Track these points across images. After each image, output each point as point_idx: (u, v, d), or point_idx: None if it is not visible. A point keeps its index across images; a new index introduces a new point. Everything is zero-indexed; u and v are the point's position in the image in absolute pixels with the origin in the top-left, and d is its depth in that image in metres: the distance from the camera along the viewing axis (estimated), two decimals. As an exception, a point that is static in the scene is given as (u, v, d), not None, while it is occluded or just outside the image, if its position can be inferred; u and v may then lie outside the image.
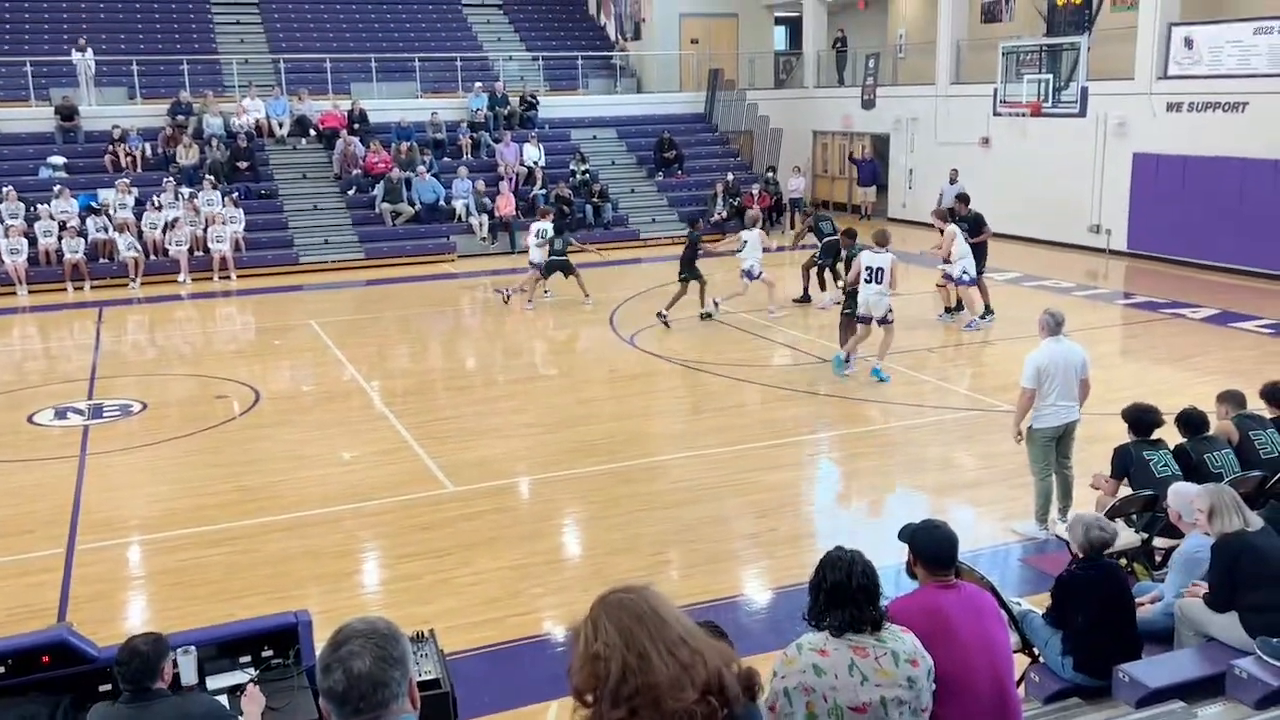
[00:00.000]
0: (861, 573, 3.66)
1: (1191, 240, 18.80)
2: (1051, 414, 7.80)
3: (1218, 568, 4.94)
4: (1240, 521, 4.94)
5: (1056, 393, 7.75)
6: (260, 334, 16.29)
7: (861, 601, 3.64)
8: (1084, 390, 7.94)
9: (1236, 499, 5.03)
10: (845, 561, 3.70)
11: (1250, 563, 4.82)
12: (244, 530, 8.36)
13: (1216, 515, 5.00)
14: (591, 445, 10.25)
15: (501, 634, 6.65)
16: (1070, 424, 7.88)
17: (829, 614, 3.67)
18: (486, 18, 30.90)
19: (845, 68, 28.46)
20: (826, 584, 3.69)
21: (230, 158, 22.31)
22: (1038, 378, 7.75)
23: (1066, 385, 7.77)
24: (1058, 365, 7.73)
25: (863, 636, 3.64)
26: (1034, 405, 7.87)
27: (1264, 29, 17.51)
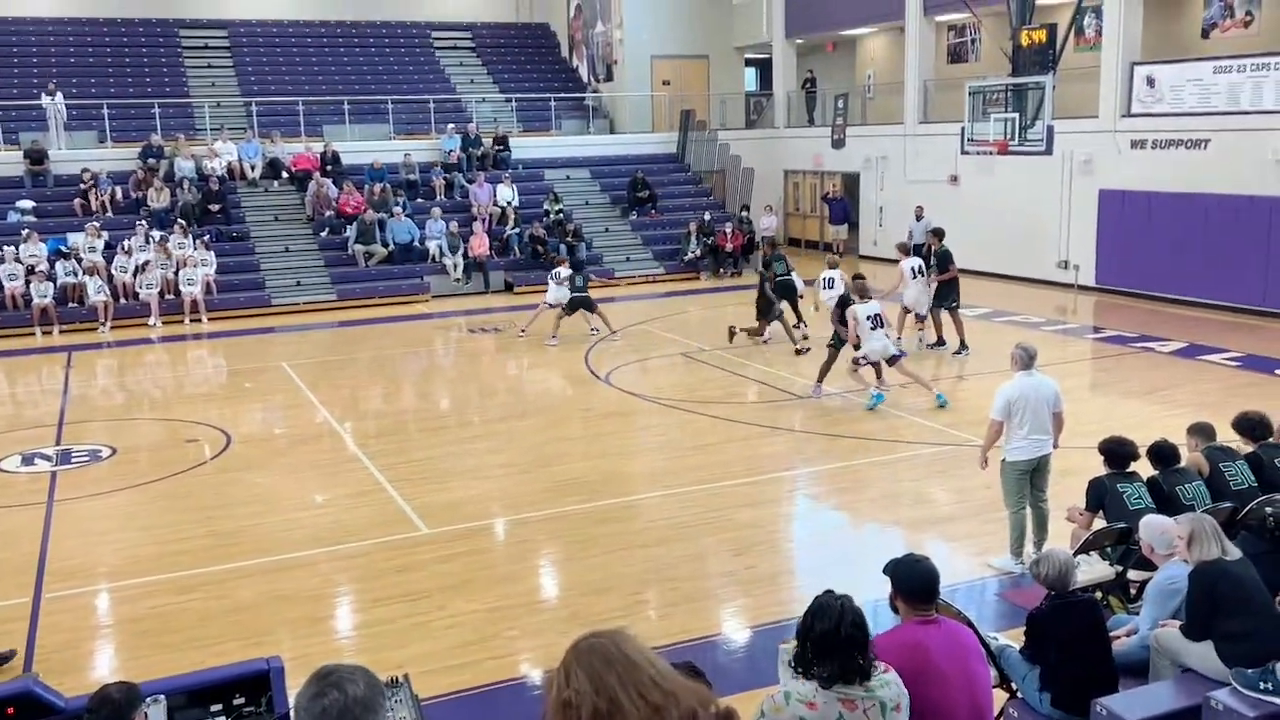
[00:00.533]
0: (851, 623, 3.62)
1: (1158, 275, 19.06)
2: (1024, 447, 7.84)
3: (1194, 595, 4.96)
4: (1219, 550, 4.96)
5: (1029, 426, 7.80)
6: (231, 377, 16.17)
7: (850, 651, 3.61)
8: (1058, 423, 7.98)
9: (1216, 528, 5.06)
10: (835, 610, 3.66)
11: (1226, 591, 4.84)
12: (215, 576, 8.25)
13: (1196, 543, 5.03)
14: (567, 485, 10.20)
15: (477, 678, 6.57)
16: (1043, 457, 7.92)
17: (817, 663, 3.64)
18: (459, 60, 31.13)
19: (815, 108, 28.82)
20: (815, 632, 3.66)
21: (202, 200, 22.26)
22: (1007, 410, 7.82)
23: (1038, 419, 7.81)
24: (1028, 399, 7.78)
25: (852, 688, 3.62)
26: (1006, 438, 7.91)
27: (1223, 68, 17.88)
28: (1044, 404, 7.82)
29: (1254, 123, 17.30)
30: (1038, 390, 7.84)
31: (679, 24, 29.67)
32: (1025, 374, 7.91)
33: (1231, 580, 4.86)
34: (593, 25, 30.93)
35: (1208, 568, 4.93)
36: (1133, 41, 19.44)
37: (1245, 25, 20.09)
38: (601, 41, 30.55)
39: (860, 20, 27.20)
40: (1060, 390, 8.03)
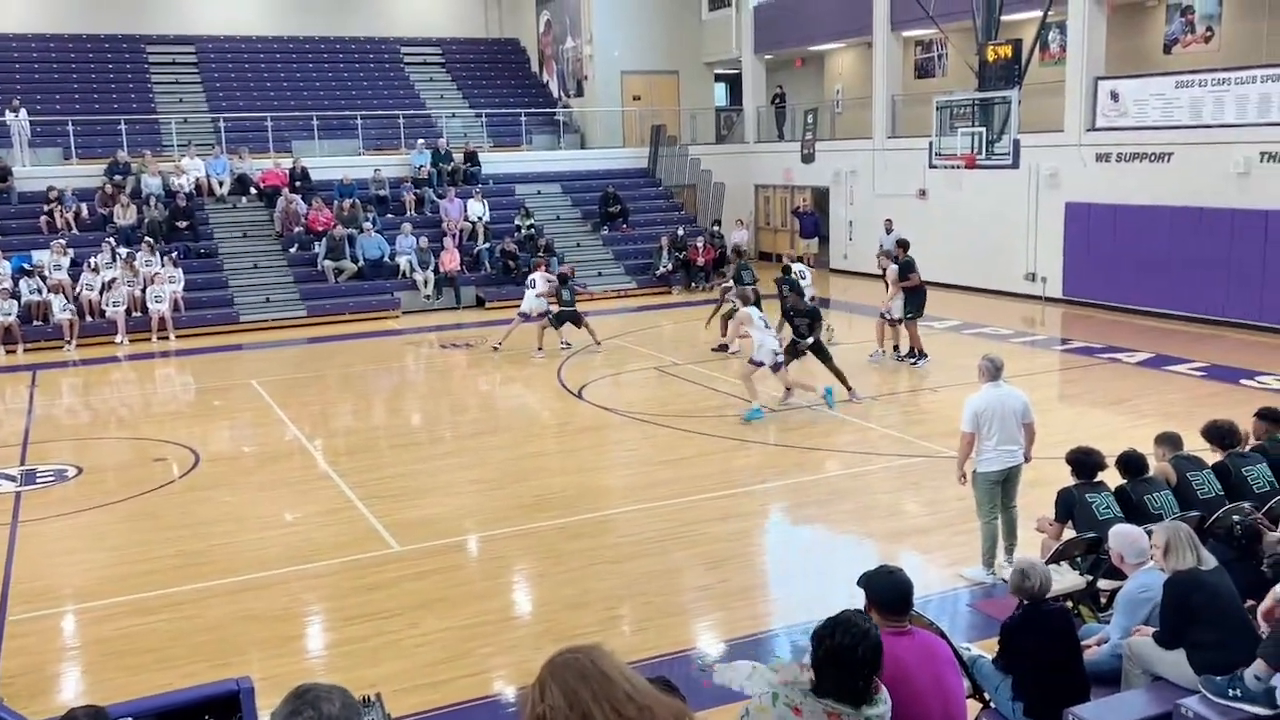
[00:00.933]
0: (871, 647, 3.66)
1: (1124, 286, 19.28)
2: (994, 458, 7.90)
3: (1168, 604, 4.98)
4: (1194, 558, 4.98)
5: (997, 437, 7.86)
6: (200, 394, 16.03)
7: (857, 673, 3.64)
8: (1028, 434, 8.03)
9: (1192, 536, 5.08)
10: (860, 631, 3.69)
11: (1199, 601, 4.87)
12: (183, 596, 8.15)
13: (1171, 551, 5.05)
14: (540, 500, 10.17)
15: (450, 696, 6.52)
16: (1013, 468, 7.98)
17: (824, 672, 3.67)
18: (429, 75, 31.10)
19: (784, 123, 28.99)
20: (833, 641, 3.68)
21: (169, 217, 22.09)
22: (975, 422, 7.89)
23: (1006, 430, 7.87)
24: (995, 410, 7.85)
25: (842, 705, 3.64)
26: (976, 449, 7.97)
27: (1185, 83, 18.15)
28: (1012, 415, 7.88)
29: (1215, 136, 17.56)
30: (1005, 401, 7.90)
31: (649, 40, 29.80)
32: (993, 385, 7.97)
33: (1205, 590, 4.89)
34: (563, 41, 31.00)
35: (1182, 577, 4.96)
36: (1096, 56, 19.70)
37: (1206, 40, 20.42)
38: (572, 57, 30.63)
39: (828, 36, 27.41)
40: (1029, 402, 8.08)
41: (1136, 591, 5.40)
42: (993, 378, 7.99)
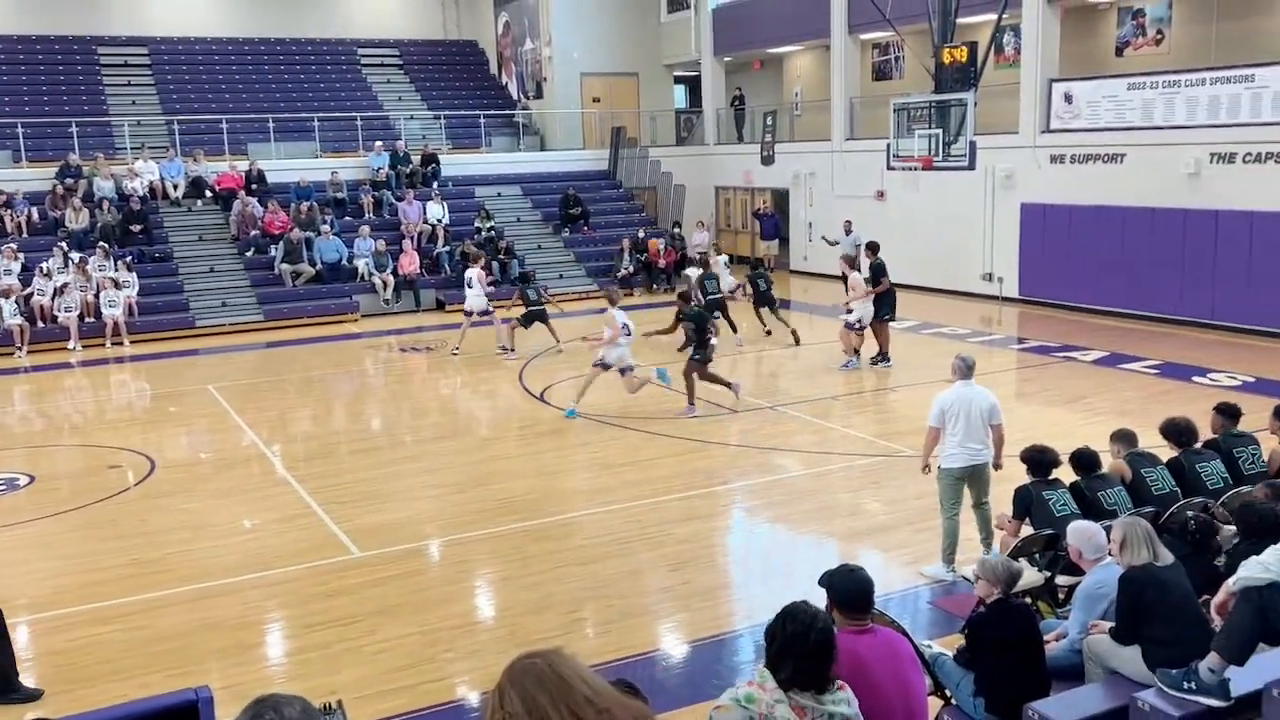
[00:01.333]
0: (821, 630, 3.70)
1: (1079, 286, 19.54)
2: (958, 455, 7.99)
3: (1123, 600, 5.04)
4: (1149, 554, 5.03)
5: (962, 434, 7.95)
6: (155, 401, 15.81)
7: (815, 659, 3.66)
8: (996, 436, 8.10)
9: (1149, 532, 5.12)
10: (808, 617, 3.73)
11: (1154, 597, 4.91)
12: (139, 605, 8.03)
13: (1127, 547, 5.11)
14: (502, 504, 10.13)
15: (413, 702, 6.47)
16: (978, 466, 8.05)
17: (781, 664, 3.70)
18: (386, 77, 30.90)
19: (744, 125, 29.11)
20: (785, 632, 3.72)
21: (122, 221, 21.78)
22: (942, 418, 8.04)
23: (972, 428, 7.96)
24: (962, 407, 7.96)
25: (804, 697, 3.66)
26: (943, 445, 8.08)
27: (1137, 85, 18.44)
28: (978, 413, 7.98)
29: (1167, 137, 17.84)
30: (973, 400, 8.01)
31: (608, 42, 29.80)
32: (964, 383, 8.11)
33: (1159, 586, 4.94)
34: (521, 43, 30.92)
35: (1136, 573, 5.01)
36: (1050, 59, 19.96)
37: (1157, 43, 20.76)
38: (531, 59, 30.56)
39: (787, 39, 27.55)
40: (998, 404, 8.16)
41: (1094, 587, 5.46)
42: (964, 376, 8.14)
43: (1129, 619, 4.96)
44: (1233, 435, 7.85)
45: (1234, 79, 16.93)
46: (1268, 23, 18.89)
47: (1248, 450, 7.73)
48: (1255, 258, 16.75)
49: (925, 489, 10.12)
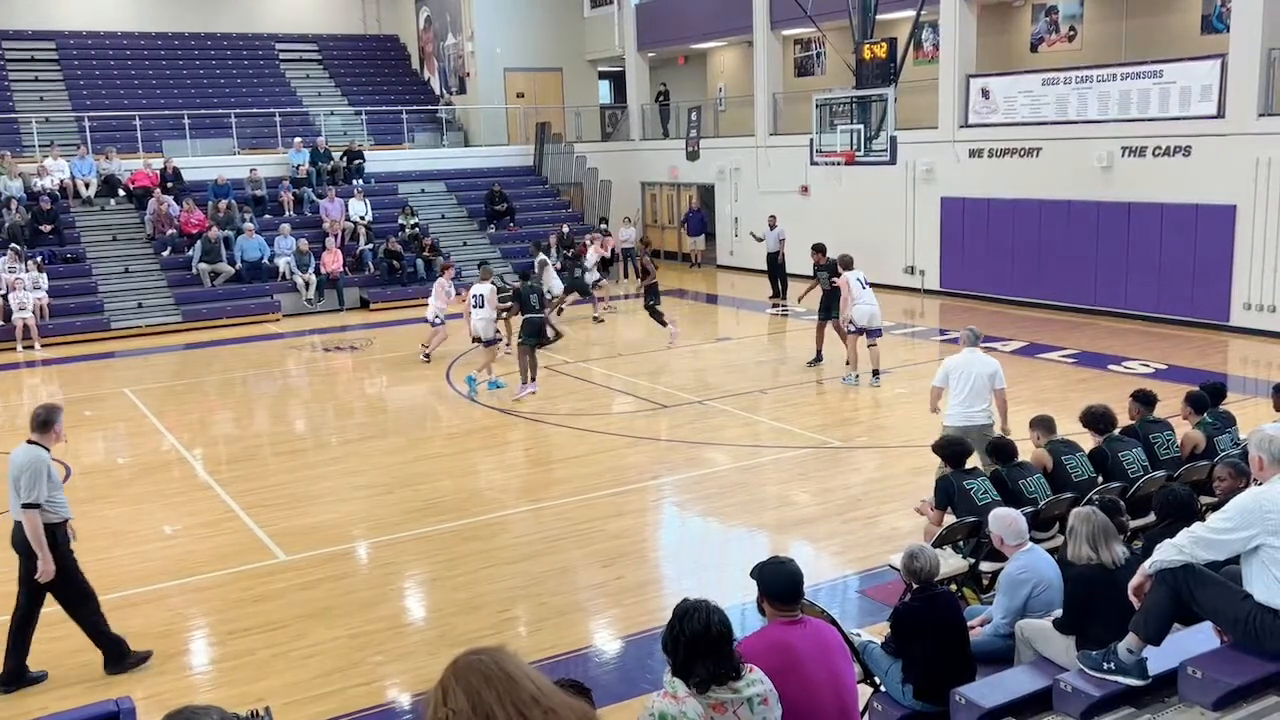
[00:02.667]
0: (719, 620, 3.72)
1: (998, 277, 19.96)
2: (955, 415, 8.83)
3: (1069, 596, 5.09)
4: (1088, 550, 5.08)
5: (963, 396, 8.80)
6: (70, 405, 15.32)
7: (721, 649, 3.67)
8: (1000, 402, 8.96)
9: (1096, 530, 5.11)
10: (703, 610, 3.73)
11: (1103, 597, 4.94)
12: (56, 616, 7.76)
13: (1071, 538, 5.17)
14: (431, 504, 10.03)
15: (343, 706, 6.39)
16: (973, 427, 8.65)
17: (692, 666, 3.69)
18: (305, 72, 30.38)
19: (669, 120, 29.18)
20: (685, 635, 3.71)
21: (32, 220, 21.11)
22: (945, 379, 8.99)
23: (974, 391, 8.79)
24: (965, 371, 8.85)
25: (722, 691, 3.67)
26: (945, 405, 8.98)
27: (1051, 80, 18.88)
28: (982, 378, 8.80)
29: (1080, 131, 18.31)
30: (975, 365, 8.86)
31: (531, 36, 29.65)
32: (970, 350, 9.01)
33: (1109, 587, 4.95)
34: (444, 37, 30.63)
35: (1090, 572, 5.03)
36: (968, 55, 20.34)
37: (1069, 40, 21.28)
38: (453, 54, 30.28)
39: (709, 34, 27.69)
40: (1001, 370, 8.96)
41: (1016, 573, 5.57)
42: (970, 344, 9.03)
43: (1075, 615, 5.01)
44: (1149, 421, 8.09)
45: (1144, 74, 17.43)
46: (1176, 20, 19.48)
47: (1163, 436, 7.98)
48: (1165, 249, 17.27)
49: (853, 480, 10.29)
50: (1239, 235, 16.37)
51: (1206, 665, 4.45)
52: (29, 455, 6.61)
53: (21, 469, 6.53)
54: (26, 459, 6.57)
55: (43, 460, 6.60)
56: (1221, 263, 16.61)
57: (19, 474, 6.52)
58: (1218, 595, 4.52)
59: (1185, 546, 4.50)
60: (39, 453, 6.64)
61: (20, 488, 6.50)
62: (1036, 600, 5.43)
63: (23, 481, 6.49)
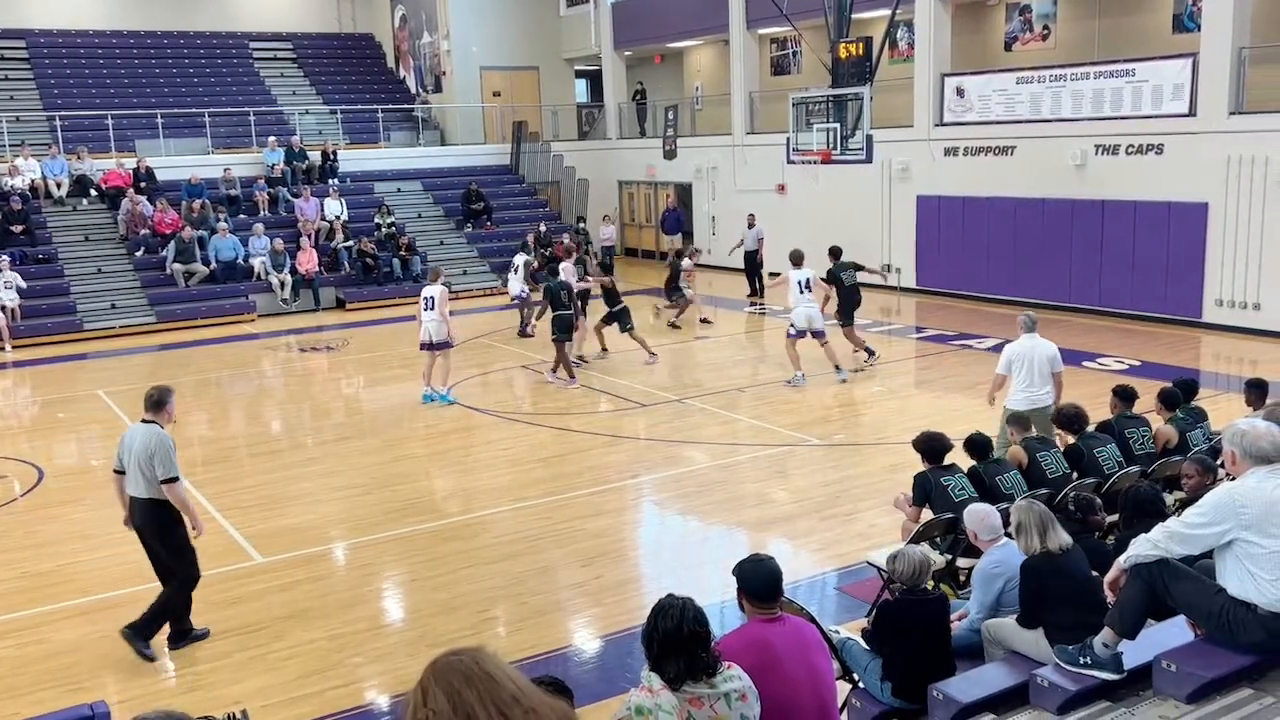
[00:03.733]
0: (693, 619, 3.72)
1: (974, 275, 20.07)
2: (1022, 398, 9.13)
3: (1023, 587, 5.16)
4: (1039, 540, 5.15)
5: (1026, 380, 9.15)
6: (42, 407, 15.20)
7: (694, 648, 3.69)
8: (1057, 383, 9.30)
9: (1044, 517, 5.20)
10: (676, 609, 3.75)
11: (1054, 583, 5.03)
12: (29, 620, 7.73)
13: (1020, 533, 5.23)
14: (410, 505, 10.00)
15: (321, 708, 6.35)
16: (1037, 409, 8.91)
17: (664, 663, 3.71)
18: (280, 71, 30.18)
19: (646, 119, 29.18)
20: (659, 632, 3.74)
21: (2, 221, 20.88)
22: (1009, 366, 9.29)
23: (1036, 374, 9.16)
24: (1026, 356, 9.20)
25: (699, 686, 3.68)
26: (1008, 389, 9.33)
27: (1025, 79, 19.00)
28: (1043, 362, 9.18)
29: (1054, 130, 18.43)
30: (1036, 350, 9.23)
31: (507, 35, 29.58)
32: (1028, 336, 9.32)
33: (1059, 573, 5.04)
34: (419, 36, 30.50)
35: (1037, 561, 5.11)
36: (943, 54, 20.44)
37: (1043, 39, 21.42)
38: (429, 52, 30.17)
39: (686, 33, 27.70)
40: (1059, 354, 9.33)
41: (989, 567, 5.61)
42: (1028, 330, 9.36)
43: (1031, 606, 5.09)
44: (1126, 417, 8.17)
45: (1116, 73, 17.56)
46: (1147, 19, 19.64)
47: (1139, 431, 8.05)
48: (1139, 246, 17.42)
49: (830, 478, 10.33)
50: (1211, 232, 16.53)
51: (1180, 659, 4.49)
52: (154, 434, 6.96)
53: (153, 449, 6.90)
54: (154, 439, 6.93)
55: (168, 437, 7.03)
56: (1194, 260, 16.77)
57: (151, 454, 6.89)
58: (1191, 590, 4.57)
59: (1160, 541, 4.54)
60: (161, 431, 7.02)
61: (157, 465, 6.89)
62: (1009, 594, 5.47)
63: (158, 460, 6.89)
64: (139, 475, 6.94)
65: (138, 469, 6.93)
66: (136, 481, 6.97)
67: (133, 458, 6.94)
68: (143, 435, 6.97)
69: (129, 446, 6.99)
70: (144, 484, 6.95)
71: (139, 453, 6.91)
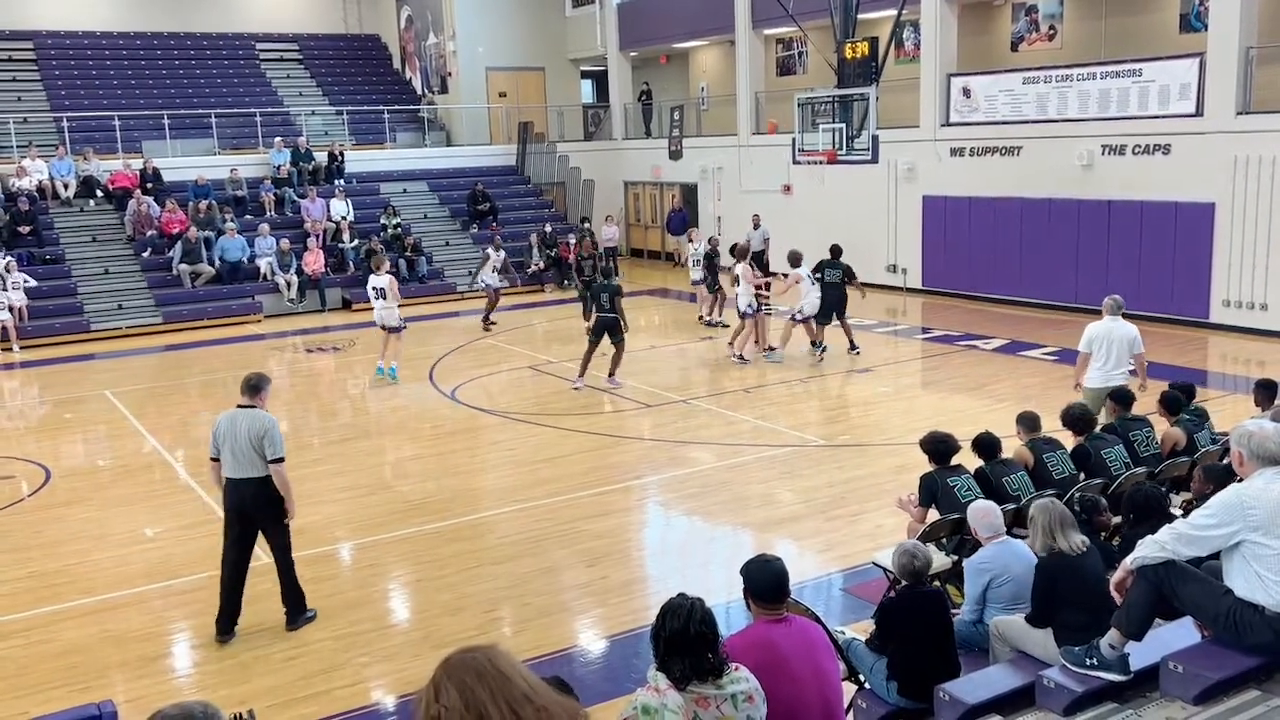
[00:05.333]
0: (700, 620, 3.73)
1: (980, 276, 20.04)
2: (1099, 377, 9.45)
3: (1037, 587, 5.14)
4: (1049, 540, 5.13)
5: (1107, 361, 9.44)
6: (50, 408, 15.24)
7: (700, 649, 3.69)
8: (1140, 364, 9.67)
9: (1056, 519, 5.16)
10: (684, 610, 3.76)
11: (1068, 584, 5.01)
12: (38, 619, 7.75)
13: (1035, 531, 5.22)
14: (415, 505, 10.01)
15: (327, 708, 6.36)
16: (1115, 387, 9.03)
17: (670, 662, 3.72)
18: (286, 71, 30.24)
19: (651, 120, 29.18)
20: (666, 632, 3.75)
21: (10, 222, 20.95)
22: (1090, 345, 9.56)
23: (1116, 355, 9.45)
24: (1106, 337, 9.49)
25: (705, 686, 3.69)
26: (1089, 368, 9.58)
27: (1031, 79, 18.96)
28: (1124, 344, 9.49)
29: (1060, 130, 18.40)
30: (1115, 331, 9.52)
31: (513, 36, 29.60)
32: (1111, 318, 9.60)
33: (1074, 574, 5.02)
34: (425, 37, 30.54)
35: (1051, 561, 5.09)
36: (949, 54, 20.41)
37: (1050, 39, 21.38)
38: (435, 53, 30.20)
39: (691, 33, 27.70)
40: (1139, 336, 9.64)
41: (977, 562, 5.64)
42: (1112, 313, 9.63)
43: (1043, 606, 5.06)
44: (1129, 419, 8.15)
45: (1123, 73, 17.53)
46: (1154, 19, 19.60)
47: (1142, 433, 8.04)
48: (1145, 246, 17.38)
49: (836, 479, 10.32)
50: (1218, 233, 16.50)
51: (1187, 660, 4.48)
52: (260, 417, 7.21)
53: (261, 431, 7.12)
54: (263, 421, 7.18)
55: (274, 419, 7.28)
56: (1201, 260, 16.73)
57: (262, 434, 7.12)
58: (1199, 591, 4.56)
59: (1168, 543, 4.52)
60: (266, 414, 7.27)
61: (266, 445, 7.11)
62: (996, 591, 5.49)
63: (267, 440, 7.12)
64: (252, 455, 7.12)
65: (250, 449, 7.11)
66: (249, 462, 7.15)
67: (240, 441, 7.12)
68: (248, 418, 7.18)
69: (230, 431, 7.17)
70: (258, 463, 7.14)
71: (249, 434, 7.10)
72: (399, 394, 14.96)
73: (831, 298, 15.47)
